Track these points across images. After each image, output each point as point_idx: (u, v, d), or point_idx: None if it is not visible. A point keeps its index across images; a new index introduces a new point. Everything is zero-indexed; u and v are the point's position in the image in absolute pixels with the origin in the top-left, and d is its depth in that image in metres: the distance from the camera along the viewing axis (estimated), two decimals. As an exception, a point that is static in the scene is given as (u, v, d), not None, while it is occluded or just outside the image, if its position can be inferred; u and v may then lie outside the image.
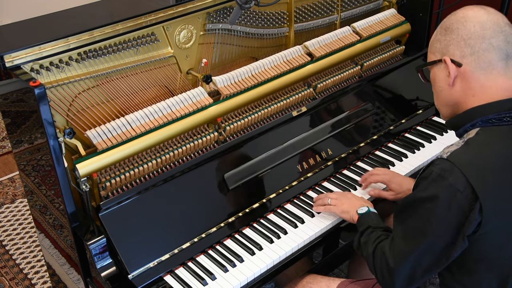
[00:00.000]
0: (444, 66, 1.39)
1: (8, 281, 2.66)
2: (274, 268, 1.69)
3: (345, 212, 1.72)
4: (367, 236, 1.54)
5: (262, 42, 2.14)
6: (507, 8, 3.10)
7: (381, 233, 1.52)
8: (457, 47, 1.36)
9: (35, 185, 1.94)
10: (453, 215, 1.27)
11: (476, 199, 1.25)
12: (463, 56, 1.35)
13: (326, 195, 1.82)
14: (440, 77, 1.41)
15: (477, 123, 1.35)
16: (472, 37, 1.34)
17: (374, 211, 1.65)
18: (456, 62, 1.36)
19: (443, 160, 1.31)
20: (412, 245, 1.34)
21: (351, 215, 1.70)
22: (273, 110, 2.01)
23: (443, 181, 1.28)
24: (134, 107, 1.79)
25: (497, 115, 1.33)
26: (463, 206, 1.26)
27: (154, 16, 1.78)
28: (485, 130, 1.34)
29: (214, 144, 1.87)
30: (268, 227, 1.80)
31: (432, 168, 1.32)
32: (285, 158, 1.95)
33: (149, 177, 1.73)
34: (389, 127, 2.22)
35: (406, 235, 1.36)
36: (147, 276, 1.61)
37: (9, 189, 3.35)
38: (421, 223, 1.32)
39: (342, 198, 1.77)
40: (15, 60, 1.54)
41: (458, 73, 1.36)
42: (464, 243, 1.29)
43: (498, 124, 1.33)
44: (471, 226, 1.27)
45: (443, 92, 1.42)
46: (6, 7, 4.16)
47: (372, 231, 1.55)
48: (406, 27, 2.45)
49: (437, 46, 1.42)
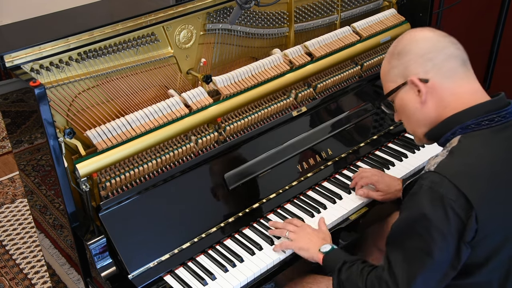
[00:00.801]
0: (410, 88, 1.41)
1: (8, 281, 2.66)
2: (274, 268, 1.69)
3: (304, 250, 1.65)
4: (348, 272, 1.47)
5: (262, 42, 2.14)
6: (507, 8, 3.11)
7: (363, 265, 1.46)
8: (418, 65, 1.39)
9: (35, 185, 1.94)
10: (452, 225, 1.25)
11: (471, 207, 1.24)
12: (426, 72, 1.38)
13: (284, 225, 1.73)
14: (410, 99, 1.42)
15: (456, 131, 1.36)
16: (428, 51, 1.38)
17: (337, 247, 1.60)
18: (423, 79, 1.38)
19: (431, 173, 1.30)
20: (417, 266, 1.30)
21: (311, 253, 1.63)
22: (273, 110, 2.01)
23: (434, 193, 1.27)
24: (134, 107, 1.79)
25: (475, 120, 1.34)
26: (460, 215, 1.25)
27: (154, 16, 1.78)
28: (466, 137, 1.34)
29: (214, 144, 1.87)
30: (269, 227, 1.80)
31: (422, 182, 1.31)
32: (285, 158, 1.95)
33: (149, 177, 1.73)
34: (389, 127, 2.22)
35: (407, 258, 1.32)
36: (147, 276, 1.61)
37: (9, 189, 3.35)
38: (422, 242, 1.28)
39: (301, 233, 1.68)
40: (15, 60, 1.54)
41: (427, 89, 1.38)
42: (468, 250, 1.28)
43: (477, 129, 1.34)
44: (470, 233, 1.26)
45: (416, 113, 1.43)
46: (6, 7, 4.16)
47: (351, 265, 1.48)
48: (406, 27, 2.45)
49: (395, 72, 1.43)
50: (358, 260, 1.50)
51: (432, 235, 1.27)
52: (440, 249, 1.27)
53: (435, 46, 1.38)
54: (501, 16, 3.12)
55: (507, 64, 3.29)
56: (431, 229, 1.27)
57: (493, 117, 1.34)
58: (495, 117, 1.34)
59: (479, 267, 1.33)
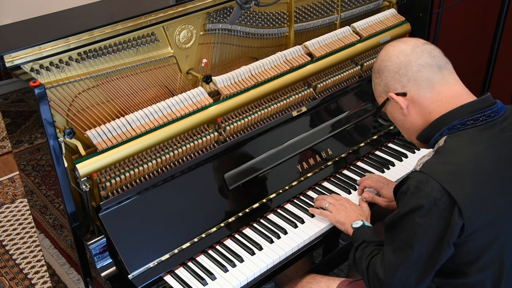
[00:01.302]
0: (393, 102, 1.48)
1: (8, 281, 2.66)
2: (274, 268, 1.69)
3: (340, 223, 1.73)
4: (362, 251, 1.56)
5: (262, 42, 2.14)
6: (507, 8, 3.10)
7: (374, 248, 1.54)
8: (394, 81, 1.47)
9: (35, 185, 1.94)
10: (435, 223, 1.30)
11: (454, 203, 1.28)
12: (403, 86, 1.45)
13: (325, 197, 1.82)
14: (395, 111, 1.51)
15: (443, 131, 1.41)
16: (401, 66, 1.45)
17: (369, 225, 1.66)
18: (401, 93, 1.46)
19: (417, 173, 1.35)
20: (400, 257, 1.37)
21: (345, 227, 1.71)
22: (273, 110, 2.01)
23: (420, 192, 1.32)
24: (134, 107, 1.79)
25: (460, 120, 1.39)
26: (443, 213, 1.29)
27: (154, 16, 1.78)
28: (452, 137, 1.39)
29: (214, 144, 1.87)
30: (268, 227, 1.80)
31: (409, 182, 1.36)
32: (285, 158, 1.95)
33: (149, 177, 1.73)
34: (389, 127, 2.22)
35: (394, 248, 1.40)
36: (147, 276, 1.61)
37: (9, 189, 3.35)
38: (406, 235, 1.36)
39: (340, 206, 1.77)
40: (15, 60, 1.54)
41: (408, 101, 1.45)
42: (450, 250, 1.32)
43: (463, 128, 1.38)
44: (455, 231, 1.29)
45: (405, 124, 1.51)
46: (6, 7, 4.16)
47: (366, 245, 1.56)
48: (406, 27, 2.45)
49: (379, 89, 1.53)
50: (375, 242, 1.58)
51: (415, 229, 1.33)
52: (420, 243, 1.33)
53: (407, 59, 1.44)
54: (501, 16, 3.12)
55: (507, 64, 3.29)
56: (415, 225, 1.33)
57: (477, 117, 1.38)
58: (479, 116, 1.38)
59: (469, 266, 1.35)
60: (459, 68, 1.56)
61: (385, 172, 2.03)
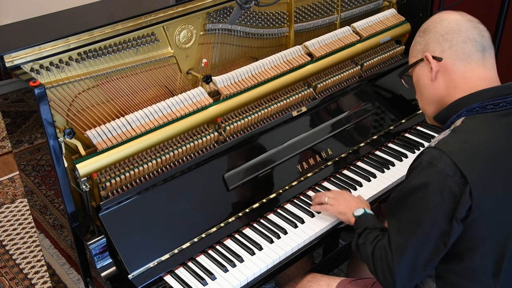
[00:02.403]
0: (425, 63, 1.46)
1: (8, 281, 2.66)
2: (274, 268, 1.69)
3: (342, 213, 1.73)
4: (365, 238, 1.55)
5: (262, 42, 2.14)
6: (507, 8, 3.10)
7: (378, 233, 1.53)
8: (436, 43, 1.44)
9: (35, 185, 1.94)
10: (445, 200, 1.29)
11: (465, 183, 1.28)
12: (443, 51, 1.42)
13: (324, 193, 1.82)
14: (423, 75, 1.48)
15: (462, 113, 1.40)
16: (449, 32, 1.42)
17: (371, 213, 1.66)
18: (437, 57, 1.43)
19: (431, 149, 1.34)
20: (408, 237, 1.36)
21: (347, 217, 1.70)
22: (273, 110, 2.01)
23: (432, 168, 1.31)
24: (134, 107, 1.79)
25: (480, 103, 1.38)
26: (454, 191, 1.29)
27: (154, 16, 1.78)
28: (470, 118, 1.38)
29: (214, 144, 1.87)
30: (268, 227, 1.80)
31: (422, 157, 1.35)
32: (285, 158, 1.95)
33: (149, 177, 1.73)
34: (389, 127, 2.22)
35: (400, 228, 1.38)
36: (147, 276, 1.61)
37: (9, 189, 3.35)
38: (415, 213, 1.34)
39: (339, 198, 1.77)
40: (15, 60, 1.54)
41: (440, 67, 1.44)
42: (460, 227, 1.31)
43: (482, 111, 1.38)
44: (463, 209, 1.29)
45: (427, 90, 1.48)
46: (6, 7, 4.16)
47: (369, 232, 1.56)
48: (406, 27, 2.45)
49: (417, 48, 1.50)
50: (378, 228, 1.57)
51: (425, 207, 1.32)
52: (431, 221, 1.32)
53: (457, 27, 1.41)
54: (501, 16, 3.12)
55: (507, 64, 3.29)
56: (425, 202, 1.32)
57: (498, 102, 1.37)
58: (500, 102, 1.37)
59: (471, 250, 1.34)
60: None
61: (385, 172, 2.03)
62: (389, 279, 1.41)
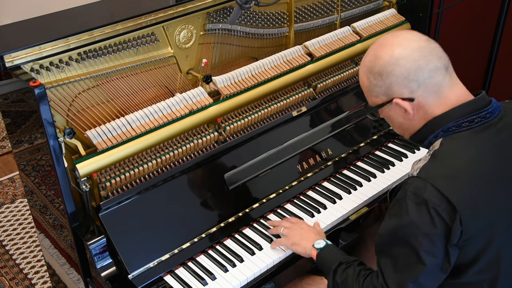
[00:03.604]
0: (395, 106, 1.40)
1: (8, 281, 2.66)
2: (274, 268, 1.69)
3: (296, 244, 1.66)
4: (343, 273, 1.47)
5: (262, 42, 2.14)
6: (507, 8, 3.10)
7: (359, 268, 1.46)
8: (402, 86, 1.36)
9: (35, 185, 1.94)
10: (439, 229, 1.26)
11: (454, 210, 1.25)
12: (412, 92, 1.36)
13: (280, 223, 1.76)
14: (396, 115, 1.43)
15: (439, 133, 1.37)
16: (410, 72, 1.35)
17: (331, 243, 1.60)
18: (408, 99, 1.38)
19: (414, 179, 1.31)
20: (407, 274, 1.31)
21: (305, 249, 1.63)
22: (273, 110, 2.01)
23: (418, 199, 1.28)
24: (134, 107, 1.79)
25: (455, 122, 1.35)
26: (445, 219, 1.26)
27: (154, 16, 1.78)
28: (447, 139, 1.36)
29: (214, 144, 1.87)
30: (269, 227, 1.80)
31: (406, 187, 1.32)
32: (285, 158, 1.95)
33: (149, 177, 1.73)
34: (389, 127, 2.22)
35: (397, 266, 1.33)
36: (147, 276, 1.61)
37: (9, 189, 3.35)
38: (411, 249, 1.30)
39: (295, 228, 1.70)
40: (15, 60, 1.54)
41: (413, 106, 1.38)
42: (456, 251, 1.29)
43: (458, 131, 1.35)
44: (456, 235, 1.27)
45: (404, 125, 1.45)
46: (6, 7, 4.16)
47: (347, 266, 1.48)
48: (406, 27, 2.45)
49: (378, 91, 1.41)
50: (355, 261, 1.50)
51: (421, 241, 1.28)
52: (430, 254, 1.28)
53: (417, 65, 1.34)
54: (501, 16, 3.12)
55: (507, 64, 3.29)
56: (419, 236, 1.28)
57: (473, 119, 1.35)
58: (475, 118, 1.35)
59: (467, 267, 1.33)
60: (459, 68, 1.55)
61: (385, 172, 2.03)
62: None
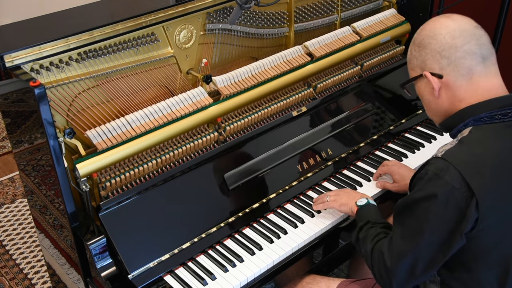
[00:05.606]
0: (426, 80, 1.42)
1: (8, 281, 2.66)
2: (274, 268, 1.69)
3: (344, 204, 1.73)
4: (366, 232, 1.54)
5: (262, 42, 2.14)
6: (507, 8, 3.10)
7: (380, 230, 1.52)
8: (434, 61, 1.39)
9: (35, 185, 1.94)
10: (450, 212, 1.28)
11: (472, 195, 1.26)
12: (441, 68, 1.39)
13: (325, 194, 1.83)
14: (426, 91, 1.45)
15: (469, 122, 1.38)
16: (445, 48, 1.37)
17: (374, 204, 1.66)
18: (437, 75, 1.39)
19: (438, 159, 1.33)
20: (409, 244, 1.36)
21: (350, 207, 1.71)
22: (273, 110, 2.01)
23: (439, 179, 1.29)
24: (134, 107, 1.79)
25: (488, 113, 1.35)
26: (460, 203, 1.27)
27: (154, 16, 1.78)
28: (478, 129, 1.36)
29: (214, 144, 1.87)
30: (268, 227, 1.80)
31: (428, 167, 1.34)
32: (285, 158, 1.95)
33: (149, 177, 1.73)
34: (389, 127, 2.22)
35: (404, 235, 1.38)
36: (147, 276, 1.61)
37: (9, 189, 3.35)
38: (419, 222, 1.34)
39: (341, 192, 1.79)
40: (15, 60, 1.54)
41: (441, 84, 1.40)
42: (462, 241, 1.30)
43: (490, 122, 1.35)
44: (469, 223, 1.28)
45: (432, 104, 1.46)
46: (6, 7, 4.16)
47: (371, 226, 1.55)
48: (406, 27, 2.45)
49: (414, 63, 1.45)
50: (381, 223, 1.56)
51: (428, 217, 1.31)
52: (432, 231, 1.31)
53: (453, 42, 1.36)
54: (501, 16, 3.12)
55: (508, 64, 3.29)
56: (429, 212, 1.31)
57: (507, 112, 1.35)
58: (509, 112, 1.35)
59: (477, 261, 1.34)
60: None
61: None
62: (385, 279, 1.41)
